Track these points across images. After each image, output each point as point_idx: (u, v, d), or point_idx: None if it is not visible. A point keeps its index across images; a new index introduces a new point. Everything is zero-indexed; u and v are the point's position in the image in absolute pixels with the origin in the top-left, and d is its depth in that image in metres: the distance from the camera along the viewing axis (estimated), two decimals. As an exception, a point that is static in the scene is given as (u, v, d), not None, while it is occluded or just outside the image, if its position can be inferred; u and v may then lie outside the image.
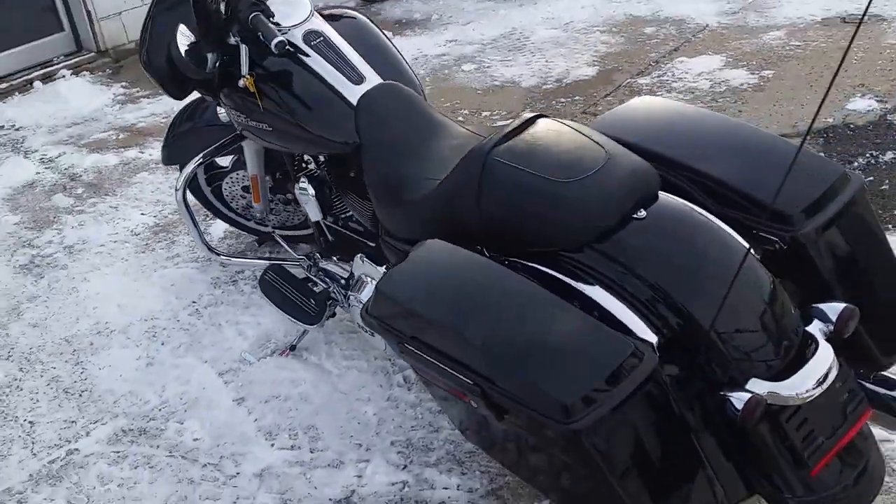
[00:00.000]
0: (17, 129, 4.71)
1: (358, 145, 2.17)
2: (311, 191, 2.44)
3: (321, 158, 2.48)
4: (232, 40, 2.25)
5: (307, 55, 2.22)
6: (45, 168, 4.24)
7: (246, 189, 3.00)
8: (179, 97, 2.49)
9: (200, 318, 2.97)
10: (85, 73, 5.27)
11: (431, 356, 1.60)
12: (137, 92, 4.98)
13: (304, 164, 2.61)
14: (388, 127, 2.15)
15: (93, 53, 5.39)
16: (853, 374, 1.65)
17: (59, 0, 5.30)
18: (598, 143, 1.75)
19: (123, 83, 5.13)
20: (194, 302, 3.06)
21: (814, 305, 1.64)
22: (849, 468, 1.59)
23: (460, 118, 4.23)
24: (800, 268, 1.70)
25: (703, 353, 1.55)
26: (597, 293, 1.61)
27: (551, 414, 1.43)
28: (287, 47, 2.14)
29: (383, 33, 2.45)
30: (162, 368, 2.78)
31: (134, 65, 5.11)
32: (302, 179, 2.48)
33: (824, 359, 1.54)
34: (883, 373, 1.77)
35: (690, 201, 1.74)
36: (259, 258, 3.00)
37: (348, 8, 2.51)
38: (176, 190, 2.67)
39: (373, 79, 2.22)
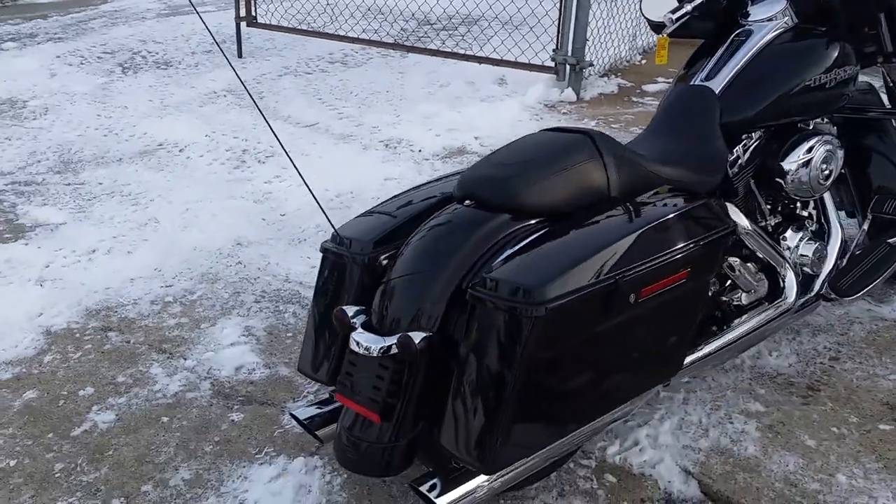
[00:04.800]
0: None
1: None
2: None
3: None
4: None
5: (721, 40, 2.44)
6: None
7: None
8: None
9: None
10: None
11: None
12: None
13: None
14: (668, 117, 2.38)
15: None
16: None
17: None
18: (551, 147, 1.91)
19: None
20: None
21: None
22: (347, 430, 1.77)
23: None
24: None
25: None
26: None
27: None
28: (663, 27, 2.41)
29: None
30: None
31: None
32: None
33: (359, 341, 1.74)
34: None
35: None
36: None
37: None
38: None
39: (715, 84, 2.33)
